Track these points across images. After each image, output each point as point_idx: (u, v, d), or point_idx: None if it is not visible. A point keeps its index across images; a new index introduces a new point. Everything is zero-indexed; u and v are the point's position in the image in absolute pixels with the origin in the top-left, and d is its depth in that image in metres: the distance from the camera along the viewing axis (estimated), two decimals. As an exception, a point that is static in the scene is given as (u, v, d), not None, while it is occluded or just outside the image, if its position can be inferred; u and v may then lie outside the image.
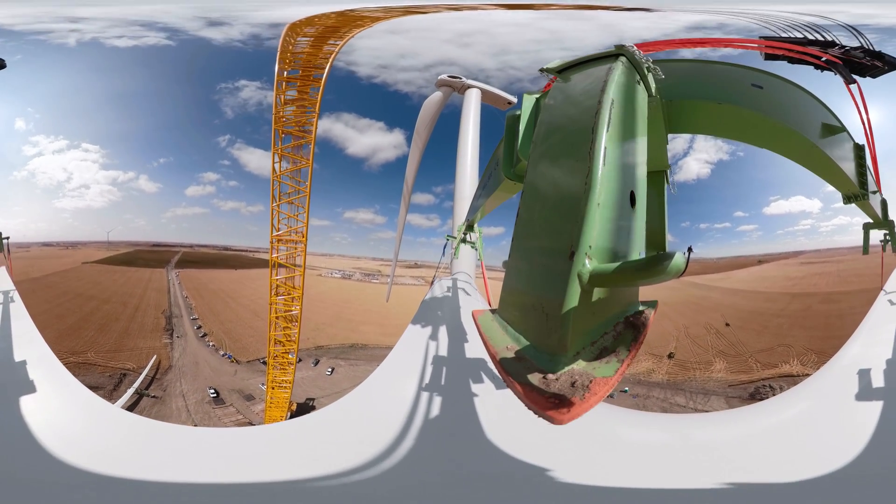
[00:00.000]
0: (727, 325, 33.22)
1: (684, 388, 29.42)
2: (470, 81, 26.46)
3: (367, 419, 5.18)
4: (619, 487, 4.22)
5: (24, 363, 5.76)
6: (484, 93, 26.42)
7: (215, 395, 29.81)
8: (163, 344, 34.25)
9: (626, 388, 29.10)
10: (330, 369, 35.37)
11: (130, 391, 27.24)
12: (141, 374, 29.32)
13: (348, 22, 20.07)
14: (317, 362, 36.26)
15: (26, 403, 5.15)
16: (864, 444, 4.27)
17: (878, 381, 4.98)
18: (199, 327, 37.70)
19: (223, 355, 34.64)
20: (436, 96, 27.34)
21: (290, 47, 18.97)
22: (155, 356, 31.66)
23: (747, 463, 4.46)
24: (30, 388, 5.36)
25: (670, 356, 31.62)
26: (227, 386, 31.12)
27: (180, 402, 28.82)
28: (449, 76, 26.92)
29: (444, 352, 6.29)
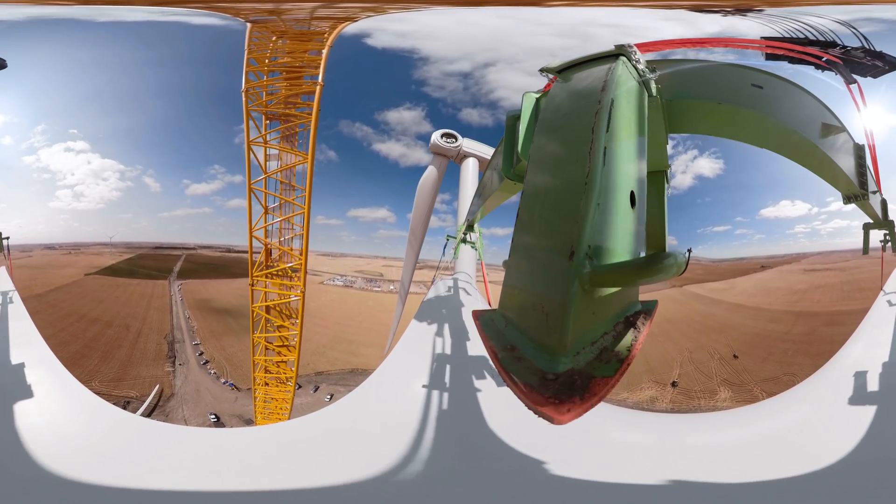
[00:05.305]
0: (735, 356, 32.82)
1: (689, 418, 29.02)
2: (467, 148, 23.44)
3: (365, 418, 5.14)
4: (622, 484, 4.16)
5: (23, 365, 5.76)
6: (481, 162, 24.26)
7: (216, 419, 29.70)
8: (165, 372, 34.02)
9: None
10: (329, 395, 35.13)
11: (132, 418, 27.20)
12: (144, 402, 29.21)
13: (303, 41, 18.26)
14: (316, 389, 35.85)
15: (27, 405, 5.13)
16: (863, 445, 4.22)
17: (876, 382, 4.94)
18: (201, 353, 37.43)
19: (224, 383, 34.44)
20: (430, 176, 23.82)
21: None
22: (158, 385, 31.52)
23: (743, 462, 4.41)
24: (30, 389, 5.35)
25: (674, 385, 31.22)
26: (227, 411, 30.82)
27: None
28: (443, 135, 23.86)
29: (444, 350, 6.28)
